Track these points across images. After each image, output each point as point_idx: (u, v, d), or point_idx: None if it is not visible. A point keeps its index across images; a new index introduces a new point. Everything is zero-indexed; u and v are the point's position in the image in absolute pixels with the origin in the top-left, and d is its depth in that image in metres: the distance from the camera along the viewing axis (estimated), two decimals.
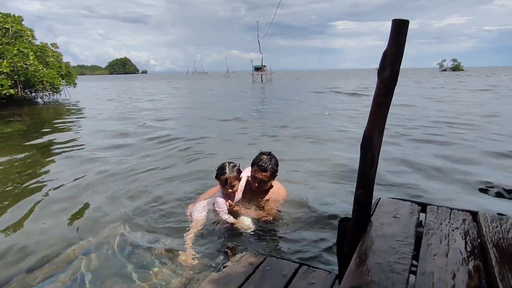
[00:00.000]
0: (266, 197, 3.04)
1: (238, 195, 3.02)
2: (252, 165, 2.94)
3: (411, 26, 1.52)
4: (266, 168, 2.84)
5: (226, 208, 2.91)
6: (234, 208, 3.00)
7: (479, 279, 1.27)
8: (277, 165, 2.94)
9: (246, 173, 3.11)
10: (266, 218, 2.86)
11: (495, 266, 1.32)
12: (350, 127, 8.36)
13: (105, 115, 12.05)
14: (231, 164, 2.86)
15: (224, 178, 2.78)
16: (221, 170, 2.82)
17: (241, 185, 3.04)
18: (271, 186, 3.06)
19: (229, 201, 2.95)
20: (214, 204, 2.95)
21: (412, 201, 2.03)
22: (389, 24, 1.52)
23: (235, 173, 2.81)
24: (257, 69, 53.02)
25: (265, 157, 2.91)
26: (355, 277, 1.31)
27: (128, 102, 17.70)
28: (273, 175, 2.92)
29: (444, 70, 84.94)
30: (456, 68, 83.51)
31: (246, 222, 2.77)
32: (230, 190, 2.84)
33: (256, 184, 2.92)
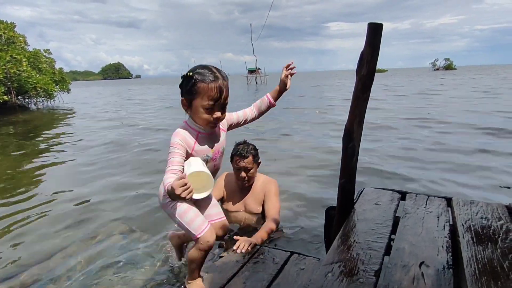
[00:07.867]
0: (257, 194, 2.89)
1: None
2: (231, 158, 2.83)
3: (404, 27, 1.69)
4: (246, 154, 2.74)
5: None
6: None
7: (446, 252, 1.42)
8: (256, 149, 2.85)
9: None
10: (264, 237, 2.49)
11: (461, 242, 1.47)
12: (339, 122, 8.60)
13: (98, 119, 12.13)
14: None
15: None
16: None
17: None
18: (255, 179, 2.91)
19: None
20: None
21: (393, 190, 2.18)
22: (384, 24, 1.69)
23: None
24: (251, 71, 53.14)
25: (241, 145, 2.82)
26: (336, 254, 1.45)
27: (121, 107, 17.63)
28: (256, 159, 2.84)
29: (437, 69, 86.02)
30: (449, 67, 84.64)
31: None
32: None
33: (243, 175, 2.80)
